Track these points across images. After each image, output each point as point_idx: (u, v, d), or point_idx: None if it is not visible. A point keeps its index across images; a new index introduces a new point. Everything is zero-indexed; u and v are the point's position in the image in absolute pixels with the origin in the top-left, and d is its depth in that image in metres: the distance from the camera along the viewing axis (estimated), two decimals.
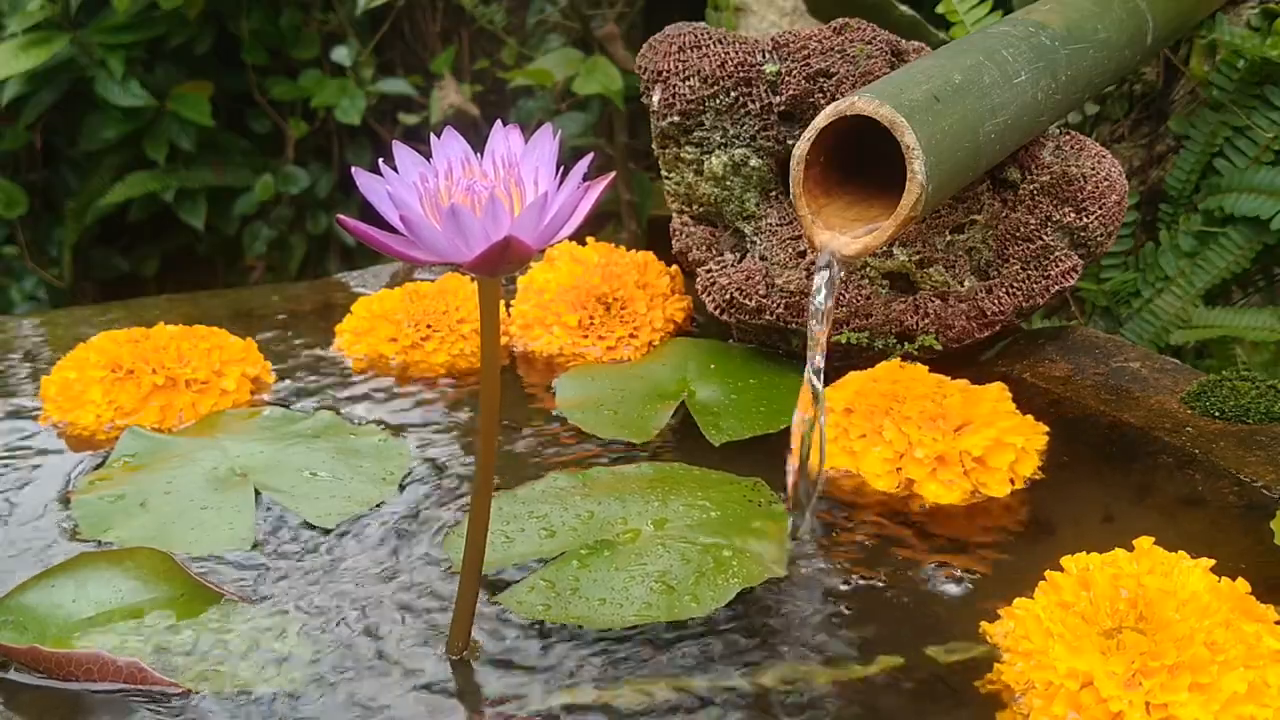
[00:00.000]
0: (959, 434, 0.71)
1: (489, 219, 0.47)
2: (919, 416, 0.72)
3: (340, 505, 0.71)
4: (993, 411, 0.72)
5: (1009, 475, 0.71)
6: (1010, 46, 0.74)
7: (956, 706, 0.54)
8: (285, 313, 1.04)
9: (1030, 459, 0.72)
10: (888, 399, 0.74)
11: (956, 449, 0.70)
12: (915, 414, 0.72)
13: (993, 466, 0.70)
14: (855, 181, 0.69)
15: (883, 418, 0.73)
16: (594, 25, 1.62)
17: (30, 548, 0.68)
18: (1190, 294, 1.01)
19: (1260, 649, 0.51)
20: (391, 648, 0.58)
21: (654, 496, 0.69)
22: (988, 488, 0.70)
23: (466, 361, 0.91)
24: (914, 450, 0.71)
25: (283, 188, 1.90)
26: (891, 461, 0.71)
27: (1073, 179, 0.80)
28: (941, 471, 0.70)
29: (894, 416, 0.72)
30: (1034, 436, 0.73)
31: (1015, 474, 0.71)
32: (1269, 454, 0.70)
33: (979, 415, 0.72)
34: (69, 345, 0.87)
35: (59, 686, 0.56)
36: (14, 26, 1.73)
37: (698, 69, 0.85)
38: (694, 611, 0.59)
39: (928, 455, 0.70)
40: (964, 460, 0.70)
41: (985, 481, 0.70)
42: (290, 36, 1.89)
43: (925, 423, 0.71)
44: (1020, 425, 0.73)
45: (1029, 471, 0.72)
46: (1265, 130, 1.01)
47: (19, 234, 1.92)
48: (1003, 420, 0.72)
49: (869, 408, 0.73)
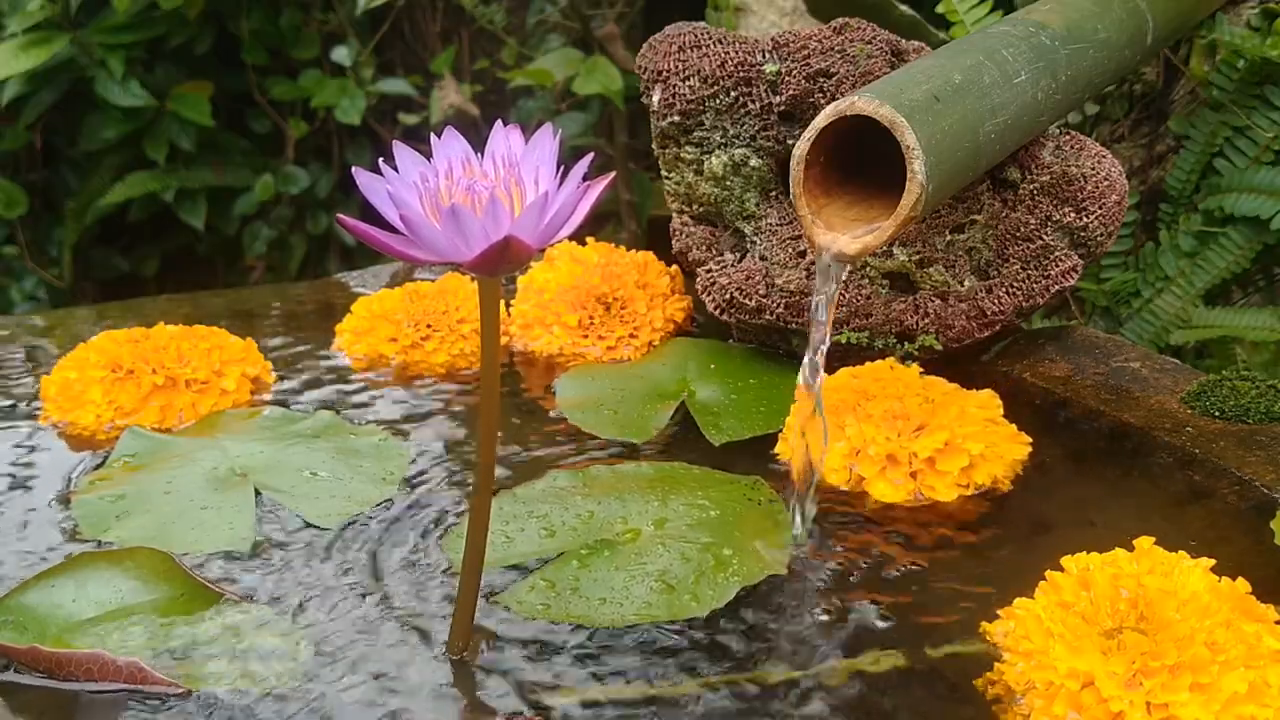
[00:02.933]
0: (917, 435, 0.71)
1: (489, 219, 0.47)
2: (881, 415, 0.72)
3: (340, 505, 0.71)
4: (959, 416, 0.71)
5: (962, 481, 0.70)
6: (1010, 46, 0.74)
7: (956, 706, 0.54)
8: (285, 313, 1.04)
9: (991, 467, 0.71)
10: (857, 395, 0.74)
11: (907, 450, 0.70)
12: (878, 412, 0.72)
13: (941, 470, 0.70)
14: (855, 181, 0.69)
15: (848, 414, 0.73)
16: (594, 25, 1.62)
17: (30, 548, 0.68)
18: (1190, 294, 1.01)
19: (1260, 649, 0.51)
20: (391, 647, 0.58)
21: (654, 496, 0.69)
22: (935, 491, 0.70)
23: (466, 361, 0.91)
24: (867, 448, 0.71)
25: (283, 188, 1.90)
26: (847, 457, 0.71)
27: (1073, 179, 0.80)
28: (890, 471, 0.70)
29: (858, 414, 0.72)
30: (1009, 446, 0.72)
31: (970, 480, 0.70)
32: (1269, 454, 0.70)
33: (942, 419, 0.71)
34: (69, 345, 0.87)
35: (59, 686, 0.56)
36: (14, 26, 1.73)
37: (698, 69, 0.85)
38: (694, 611, 0.59)
39: (879, 453, 0.70)
40: (912, 461, 0.70)
41: (934, 485, 0.70)
42: (290, 36, 1.89)
43: (885, 421, 0.71)
44: (986, 432, 0.71)
45: (985, 480, 0.70)
46: (1265, 130, 1.01)
47: (19, 234, 1.92)
48: (966, 426, 0.71)
49: (838, 403, 0.73)
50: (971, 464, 0.70)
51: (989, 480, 0.71)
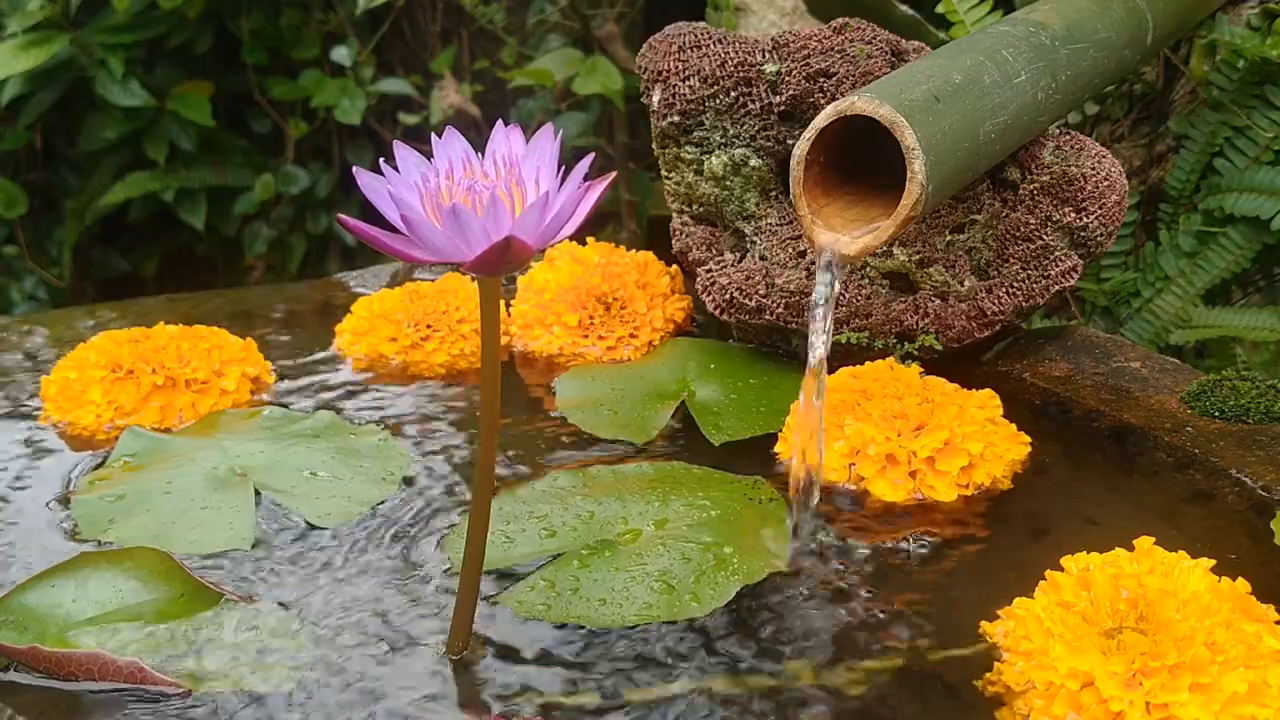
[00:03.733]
0: (916, 435, 0.71)
1: (490, 219, 0.47)
2: (880, 415, 0.72)
3: (340, 505, 0.71)
4: (959, 416, 0.71)
5: (962, 480, 0.70)
6: (1010, 46, 0.74)
7: (956, 706, 0.54)
8: (285, 313, 1.04)
9: (991, 466, 0.71)
10: (856, 395, 0.74)
11: (906, 449, 0.70)
12: (877, 412, 0.72)
13: (941, 470, 0.70)
14: (855, 181, 0.69)
15: (847, 413, 0.73)
16: (594, 25, 1.62)
17: (30, 548, 0.68)
18: (1190, 294, 1.01)
19: (1260, 649, 0.51)
20: (391, 647, 0.58)
21: (654, 496, 0.69)
22: (935, 491, 0.70)
23: (466, 361, 0.91)
24: (867, 447, 0.71)
25: (283, 188, 1.90)
26: (847, 457, 0.71)
27: (1073, 179, 0.80)
28: (890, 470, 0.70)
29: (857, 413, 0.72)
30: (1009, 446, 0.72)
31: (970, 480, 0.70)
32: (1269, 454, 0.70)
33: (941, 419, 0.71)
34: (69, 345, 0.87)
35: (59, 686, 0.56)
36: (14, 26, 1.74)
37: (698, 69, 0.85)
38: (694, 611, 0.59)
39: (879, 453, 0.70)
40: (911, 461, 0.70)
41: (933, 485, 0.70)
42: (290, 36, 1.89)
43: (884, 421, 0.71)
44: (985, 432, 0.71)
45: (985, 480, 0.70)
46: (1265, 130, 1.01)
47: (19, 234, 1.92)
48: (965, 425, 0.71)
49: (837, 403, 0.73)
50: (971, 464, 0.70)
51: (988, 480, 0.71)
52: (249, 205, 1.90)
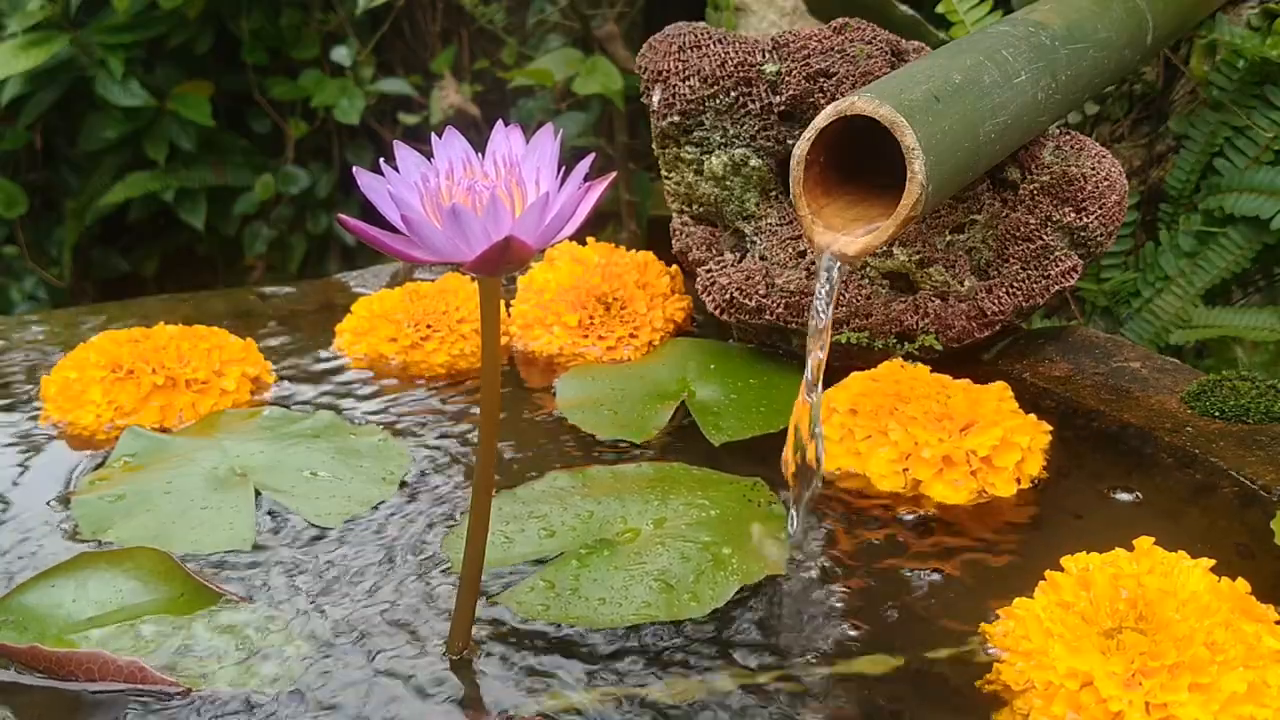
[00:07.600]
0: (965, 434, 0.71)
1: (490, 219, 0.47)
2: (924, 417, 0.72)
3: (340, 505, 0.71)
4: (996, 411, 0.72)
5: (1015, 475, 0.71)
6: (1010, 46, 0.74)
7: (956, 706, 0.54)
8: (285, 313, 1.04)
9: (1035, 458, 0.72)
10: (892, 399, 0.74)
11: (963, 449, 0.70)
12: (920, 414, 0.72)
13: (999, 466, 0.70)
14: (855, 181, 0.69)
15: (888, 418, 0.72)
16: (594, 25, 1.62)
17: (30, 548, 0.68)
18: (1190, 294, 1.01)
19: (1260, 649, 0.51)
20: (391, 648, 0.58)
21: (653, 496, 0.69)
22: (995, 488, 0.70)
23: (466, 361, 0.91)
24: (920, 450, 0.71)
25: (283, 188, 1.90)
26: (897, 462, 0.71)
27: (1073, 179, 0.80)
28: (948, 472, 0.70)
29: (899, 417, 0.72)
30: (1038, 435, 0.73)
31: (1021, 473, 0.71)
32: (1269, 454, 0.70)
33: (984, 415, 0.72)
34: (69, 345, 0.87)
35: (59, 686, 0.56)
36: (14, 26, 1.74)
37: (698, 69, 0.85)
38: (693, 610, 0.59)
39: (934, 455, 0.70)
40: (970, 460, 0.70)
41: (993, 482, 0.70)
42: (290, 36, 1.89)
43: (931, 423, 0.71)
44: (1024, 424, 0.72)
45: (1035, 471, 0.72)
46: (1265, 130, 1.01)
47: (19, 234, 1.92)
48: (1008, 420, 0.72)
49: (874, 408, 0.73)
50: (1023, 457, 0.71)
51: (1039, 470, 0.72)
52: (249, 205, 1.90)
